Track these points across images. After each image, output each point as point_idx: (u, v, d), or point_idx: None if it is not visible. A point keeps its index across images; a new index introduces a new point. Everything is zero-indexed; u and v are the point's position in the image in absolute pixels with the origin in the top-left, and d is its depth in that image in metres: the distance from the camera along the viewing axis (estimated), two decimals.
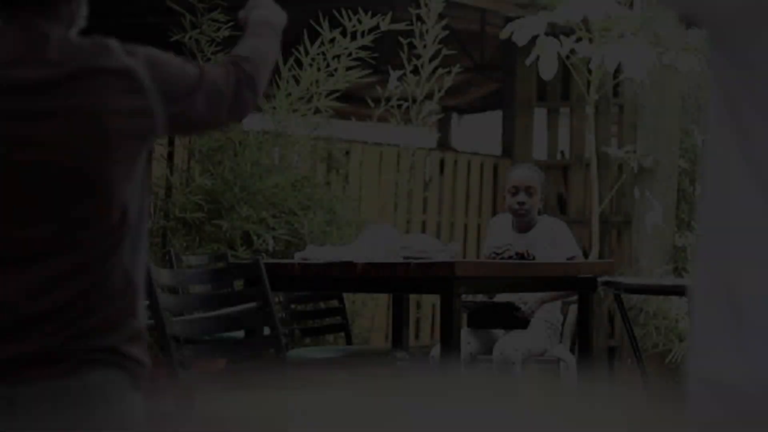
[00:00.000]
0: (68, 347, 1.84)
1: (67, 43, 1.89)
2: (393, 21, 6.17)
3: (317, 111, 6.25)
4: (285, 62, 6.10)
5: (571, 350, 5.31)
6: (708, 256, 1.08)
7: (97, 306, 1.87)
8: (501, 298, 5.27)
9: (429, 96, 6.68)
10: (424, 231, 7.66)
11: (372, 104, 6.58)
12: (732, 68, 1.14)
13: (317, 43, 6.11)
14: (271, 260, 5.03)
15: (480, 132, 14.12)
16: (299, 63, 6.16)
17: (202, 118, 2.02)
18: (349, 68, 6.18)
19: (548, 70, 6.40)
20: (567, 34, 6.59)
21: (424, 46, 6.54)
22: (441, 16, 6.59)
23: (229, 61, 2.07)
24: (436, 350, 4.99)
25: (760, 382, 0.94)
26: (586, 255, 7.12)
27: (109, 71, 1.88)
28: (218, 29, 5.95)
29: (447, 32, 6.61)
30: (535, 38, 6.37)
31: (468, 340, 5.14)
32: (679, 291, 5.35)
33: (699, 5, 1.17)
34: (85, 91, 1.88)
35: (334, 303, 5.46)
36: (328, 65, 6.16)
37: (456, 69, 6.79)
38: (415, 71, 6.56)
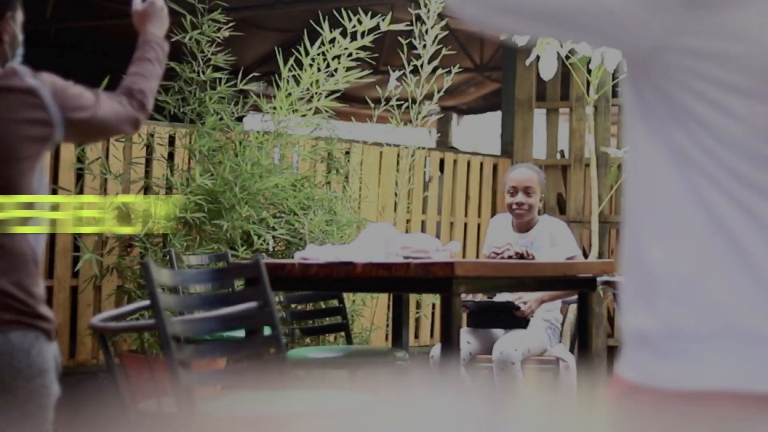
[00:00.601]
0: None
1: None
2: (393, 21, 6.17)
3: (317, 111, 6.25)
4: (285, 62, 6.11)
5: (571, 350, 5.32)
6: (629, 244, 1.40)
7: (10, 270, 2.49)
8: (501, 297, 5.28)
9: (429, 96, 6.68)
10: (424, 231, 7.66)
11: (372, 104, 6.58)
12: (647, 89, 1.37)
13: (317, 43, 6.12)
14: (271, 260, 5.03)
15: (480, 132, 14.12)
16: (299, 63, 6.16)
17: (102, 124, 2.60)
18: (349, 68, 6.18)
19: (548, 70, 6.40)
20: None
21: (424, 47, 6.54)
22: (441, 16, 6.59)
23: (122, 92, 2.70)
24: (436, 350, 5.00)
25: (664, 328, 1.32)
26: (585, 255, 7.12)
27: (16, 89, 2.47)
28: (218, 30, 5.96)
29: (447, 32, 6.61)
30: (535, 38, 6.37)
31: (468, 339, 5.14)
32: None
33: (614, 47, 1.39)
34: None
35: (334, 303, 5.46)
36: (328, 65, 6.16)
37: (456, 69, 6.79)
38: (415, 71, 6.56)
